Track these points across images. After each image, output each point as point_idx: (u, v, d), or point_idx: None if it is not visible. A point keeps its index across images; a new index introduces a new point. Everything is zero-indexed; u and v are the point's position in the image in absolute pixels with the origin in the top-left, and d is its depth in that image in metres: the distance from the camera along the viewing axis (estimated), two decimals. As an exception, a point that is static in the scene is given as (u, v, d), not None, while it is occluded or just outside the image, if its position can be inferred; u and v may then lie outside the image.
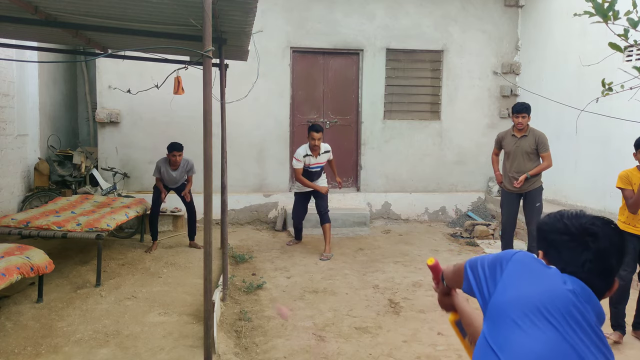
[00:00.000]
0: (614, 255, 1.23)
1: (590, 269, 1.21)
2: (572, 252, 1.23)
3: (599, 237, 1.22)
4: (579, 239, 1.23)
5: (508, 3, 8.25)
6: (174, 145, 6.02)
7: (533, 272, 1.24)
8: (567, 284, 1.20)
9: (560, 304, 1.15)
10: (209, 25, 3.03)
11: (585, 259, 1.21)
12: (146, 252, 5.92)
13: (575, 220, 1.26)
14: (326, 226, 6.32)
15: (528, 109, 5.54)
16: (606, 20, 1.87)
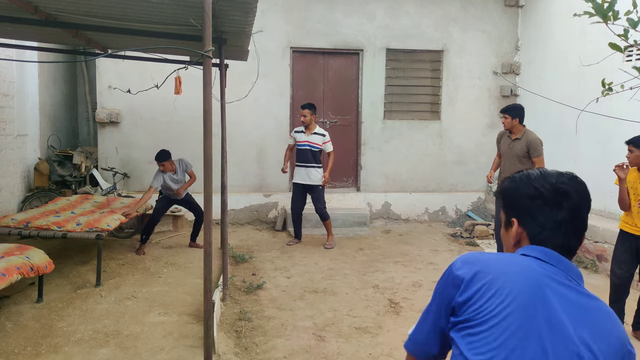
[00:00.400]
0: (585, 208, 1.21)
1: (567, 229, 1.18)
2: (547, 215, 1.18)
3: (570, 195, 1.18)
4: (552, 200, 1.18)
5: (508, 3, 8.25)
6: (157, 156, 5.93)
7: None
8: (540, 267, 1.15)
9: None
10: (209, 25, 3.03)
11: (560, 219, 1.17)
12: (137, 253, 5.81)
13: (544, 182, 1.20)
14: (327, 222, 6.69)
15: (509, 110, 5.47)
16: (606, 21, 1.87)
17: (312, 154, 6.53)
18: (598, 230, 5.84)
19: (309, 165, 6.54)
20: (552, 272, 1.15)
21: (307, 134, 6.54)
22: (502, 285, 1.11)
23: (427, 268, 5.83)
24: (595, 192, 7.13)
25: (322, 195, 6.61)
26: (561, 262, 1.17)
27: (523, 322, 1.07)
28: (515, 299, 1.09)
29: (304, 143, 6.55)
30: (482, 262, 1.17)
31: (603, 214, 6.42)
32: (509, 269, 1.14)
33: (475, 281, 1.14)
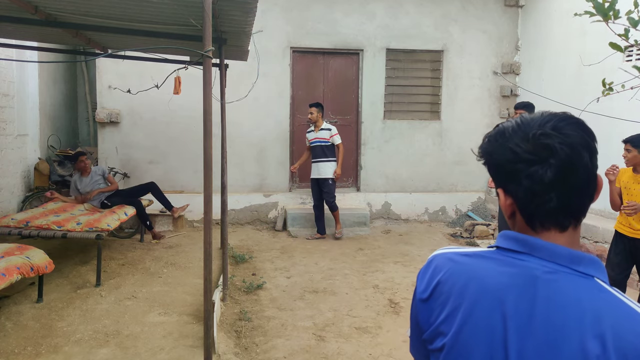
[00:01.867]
0: (583, 156, 0.92)
1: (562, 189, 0.92)
2: (533, 178, 0.92)
3: (555, 149, 0.91)
4: (535, 160, 0.92)
5: (508, 3, 8.25)
6: (77, 152, 6.38)
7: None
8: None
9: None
10: (209, 25, 3.03)
11: (550, 179, 0.91)
12: (155, 239, 6.22)
13: (521, 139, 0.94)
14: (335, 213, 7.06)
15: (527, 106, 5.51)
16: (607, 20, 1.87)
17: (322, 149, 6.97)
18: (598, 230, 5.83)
19: (319, 160, 6.99)
20: (509, 274, 0.93)
21: (315, 132, 7.01)
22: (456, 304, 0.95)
23: (427, 268, 5.82)
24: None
25: (333, 188, 7.01)
26: (540, 249, 0.94)
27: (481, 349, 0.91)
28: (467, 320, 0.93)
29: (314, 140, 7.02)
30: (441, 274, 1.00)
31: (603, 214, 6.42)
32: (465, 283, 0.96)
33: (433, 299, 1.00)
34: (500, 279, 0.93)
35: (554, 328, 0.87)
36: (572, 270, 0.92)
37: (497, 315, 0.90)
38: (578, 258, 0.93)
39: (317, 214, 7.13)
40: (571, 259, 0.93)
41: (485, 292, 0.93)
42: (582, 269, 0.92)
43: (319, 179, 7.00)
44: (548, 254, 0.93)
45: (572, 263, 0.92)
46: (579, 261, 0.93)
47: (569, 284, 0.90)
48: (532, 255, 0.94)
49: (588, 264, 0.93)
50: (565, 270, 0.92)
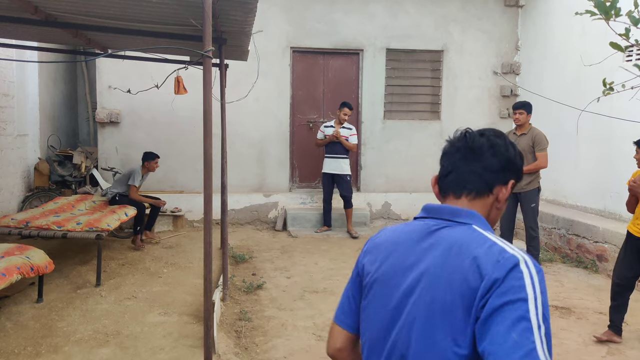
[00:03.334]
0: (483, 146, 1.27)
1: (457, 167, 1.27)
2: (447, 157, 1.31)
3: (457, 134, 1.33)
4: (451, 142, 1.33)
5: (508, 3, 8.25)
6: (154, 153, 6.34)
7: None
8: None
9: None
10: (209, 25, 3.02)
11: (453, 158, 1.29)
12: (135, 245, 6.00)
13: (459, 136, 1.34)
14: (348, 211, 7.21)
15: (525, 105, 5.59)
16: (608, 18, 1.87)
17: (341, 145, 7.11)
18: (598, 230, 5.83)
19: (337, 156, 7.14)
20: (415, 231, 1.24)
21: (337, 128, 7.13)
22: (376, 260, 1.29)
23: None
24: (595, 192, 7.19)
25: (350, 184, 7.25)
26: (431, 211, 1.26)
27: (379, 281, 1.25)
28: (378, 263, 1.27)
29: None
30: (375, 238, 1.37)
31: (603, 214, 6.42)
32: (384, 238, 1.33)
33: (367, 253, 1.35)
34: (408, 235, 1.26)
35: (440, 258, 1.14)
36: (454, 222, 1.20)
37: (401, 256, 1.22)
38: (457, 212, 1.22)
39: (326, 207, 7.30)
40: (452, 214, 1.22)
41: (396, 243, 1.27)
42: (461, 220, 1.20)
43: (334, 175, 7.16)
44: (436, 213, 1.25)
45: (453, 216, 1.21)
46: (458, 214, 1.22)
47: (449, 230, 1.19)
48: (430, 217, 1.26)
49: (465, 216, 1.21)
50: (448, 222, 1.21)
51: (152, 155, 6.31)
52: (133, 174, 6.11)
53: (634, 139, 4.16)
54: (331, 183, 7.25)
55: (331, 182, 7.24)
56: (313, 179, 8.16)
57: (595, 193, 6.54)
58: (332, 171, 7.18)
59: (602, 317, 4.47)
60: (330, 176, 7.21)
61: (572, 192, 7.05)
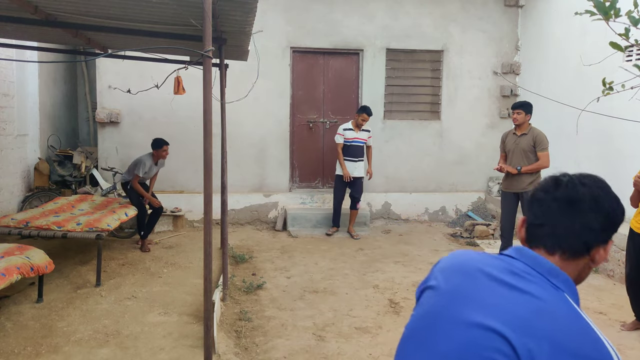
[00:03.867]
0: (584, 203, 1.13)
1: (555, 223, 1.15)
2: (541, 204, 1.18)
3: (562, 184, 1.16)
4: (545, 188, 1.19)
5: (508, 3, 8.25)
6: (162, 140, 6.14)
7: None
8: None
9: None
10: (209, 25, 3.02)
11: (550, 209, 1.16)
12: (142, 250, 5.91)
13: (550, 176, 1.22)
14: (353, 212, 7.25)
15: (523, 105, 5.59)
16: (607, 18, 1.87)
17: (360, 149, 7.19)
18: (598, 230, 5.83)
19: (356, 159, 7.17)
20: (491, 265, 1.15)
21: (356, 132, 7.15)
22: (438, 280, 1.21)
23: (427, 268, 5.83)
24: (596, 192, 6.96)
25: (362, 185, 7.29)
26: (525, 256, 1.15)
27: (430, 309, 1.17)
28: (437, 290, 1.18)
29: (354, 140, 7.14)
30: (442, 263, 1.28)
31: (603, 214, 6.41)
32: (449, 265, 1.24)
33: (431, 278, 1.26)
34: (488, 261, 1.17)
35: (523, 315, 1.03)
36: (547, 280, 1.09)
37: (470, 285, 1.13)
38: (556, 272, 1.11)
39: (337, 209, 7.29)
40: (549, 271, 1.11)
41: (466, 269, 1.17)
42: (555, 282, 1.10)
43: (353, 177, 7.15)
44: (531, 261, 1.13)
45: (549, 274, 1.10)
46: (556, 275, 1.11)
47: (537, 285, 1.08)
48: (519, 260, 1.14)
49: (562, 281, 1.10)
50: (540, 278, 1.10)
51: (158, 142, 6.13)
52: (138, 163, 6.03)
53: (634, 138, 4.16)
54: (343, 187, 7.22)
55: (343, 186, 7.22)
56: (313, 179, 8.16)
57: (595, 193, 6.53)
58: (351, 174, 7.14)
59: (602, 317, 4.48)
60: (344, 180, 7.17)
61: (572, 192, 7.04)
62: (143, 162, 6.02)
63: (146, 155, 6.14)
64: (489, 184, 8.34)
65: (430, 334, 1.12)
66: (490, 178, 8.30)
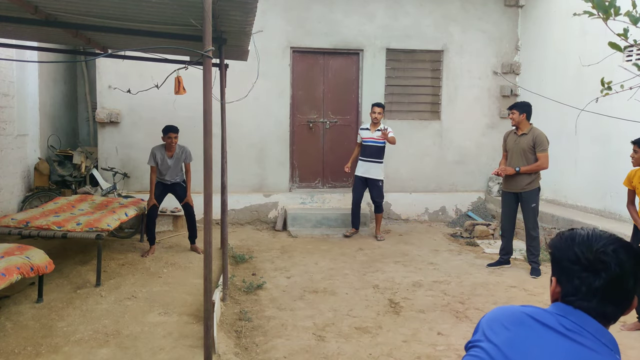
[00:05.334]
0: (629, 280, 1.19)
1: (602, 297, 1.19)
2: (583, 281, 1.20)
3: (610, 266, 1.18)
4: (590, 268, 1.19)
5: (508, 3, 8.25)
6: (169, 127, 5.84)
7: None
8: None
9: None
10: (209, 25, 3.02)
11: (597, 286, 1.19)
12: (142, 256, 5.75)
13: (586, 248, 1.20)
14: (377, 216, 7.20)
15: (517, 105, 5.61)
16: (607, 17, 1.87)
17: (376, 149, 7.00)
18: (598, 230, 5.84)
19: (371, 160, 7.01)
20: (543, 316, 1.20)
21: (372, 131, 6.99)
22: (488, 333, 1.26)
23: (427, 268, 5.83)
24: (595, 192, 7.20)
25: (382, 189, 7.12)
26: (573, 314, 1.20)
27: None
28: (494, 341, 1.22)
29: (369, 140, 7.00)
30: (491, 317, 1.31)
31: (603, 213, 6.42)
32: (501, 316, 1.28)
33: (479, 330, 1.30)
34: (537, 316, 1.22)
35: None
36: (596, 339, 1.16)
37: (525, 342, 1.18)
38: (603, 332, 1.18)
39: (355, 210, 7.21)
40: (597, 330, 1.17)
41: (520, 315, 1.24)
42: (604, 341, 1.16)
43: (368, 179, 7.05)
44: (579, 319, 1.18)
45: (597, 333, 1.17)
46: (603, 334, 1.17)
47: (591, 342, 1.14)
48: (567, 318, 1.20)
49: (609, 341, 1.17)
50: (590, 335, 1.16)
51: (164, 129, 5.83)
52: (150, 154, 5.87)
53: (633, 138, 4.16)
54: (362, 186, 7.12)
55: (363, 185, 7.12)
56: (313, 179, 8.16)
57: (595, 193, 6.54)
58: (364, 175, 7.06)
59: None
60: (363, 179, 7.09)
61: (572, 192, 7.05)
62: (153, 153, 5.84)
63: (158, 145, 5.92)
64: (489, 184, 8.34)
65: None
66: (490, 178, 8.30)
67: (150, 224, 5.94)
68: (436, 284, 5.25)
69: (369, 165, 7.00)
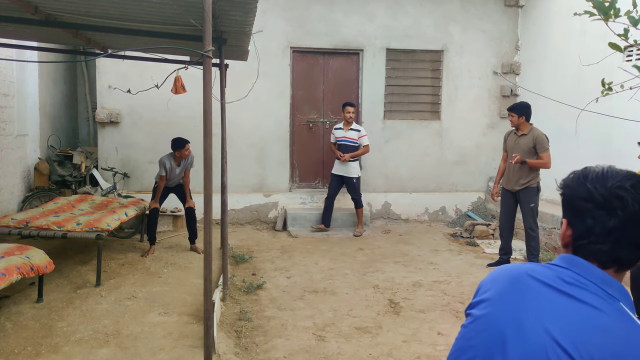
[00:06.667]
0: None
1: (617, 238, 1.06)
2: (597, 220, 1.08)
3: (628, 203, 1.05)
4: (605, 205, 1.07)
5: (508, 3, 8.25)
6: (182, 140, 5.94)
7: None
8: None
9: None
10: (209, 25, 3.03)
11: (612, 226, 1.06)
12: (142, 256, 5.75)
13: (600, 185, 1.09)
14: (359, 210, 7.29)
15: (515, 108, 5.60)
16: (607, 19, 1.87)
17: (351, 148, 7.14)
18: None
19: (346, 162, 7.12)
20: (542, 273, 1.12)
21: (345, 130, 7.18)
22: (489, 292, 1.18)
23: (427, 268, 5.83)
24: (596, 192, 6.97)
25: (358, 186, 7.25)
26: (576, 265, 1.10)
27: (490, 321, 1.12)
28: (490, 302, 1.15)
29: (342, 139, 7.19)
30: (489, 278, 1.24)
31: (603, 213, 6.41)
32: (498, 277, 1.20)
33: (480, 290, 1.23)
34: (536, 273, 1.13)
35: (580, 325, 1.01)
36: (601, 289, 1.06)
37: (510, 296, 1.11)
38: (609, 281, 1.07)
39: (327, 205, 7.29)
40: (602, 280, 1.07)
41: (519, 274, 1.15)
42: (610, 291, 1.06)
43: (344, 177, 7.19)
44: (583, 270, 1.09)
45: (602, 283, 1.07)
46: (610, 284, 1.07)
47: (592, 294, 1.05)
48: (570, 270, 1.10)
49: (617, 290, 1.07)
50: (594, 287, 1.06)
51: (179, 142, 5.90)
52: (159, 164, 5.94)
53: (633, 138, 4.15)
54: (338, 184, 7.27)
55: (338, 183, 7.26)
56: (313, 179, 8.17)
57: (595, 193, 6.53)
58: (340, 173, 7.20)
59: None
60: (339, 177, 7.23)
61: (572, 192, 7.04)
62: (162, 163, 5.93)
63: (166, 155, 6.01)
64: (489, 184, 8.34)
65: (490, 344, 1.10)
66: (490, 178, 8.30)
67: (152, 224, 5.96)
68: (436, 284, 5.25)
69: (343, 163, 7.14)
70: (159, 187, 6.00)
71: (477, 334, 1.14)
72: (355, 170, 7.21)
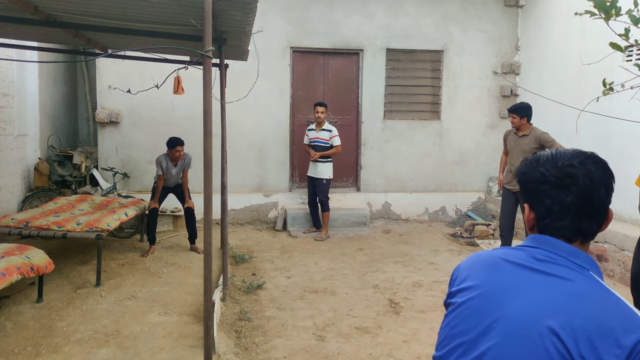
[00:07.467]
0: (599, 190, 1.15)
1: (576, 213, 1.15)
2: (554, 199, 1.16)
3: (579, 178, 1.14)
4: (559, 184, 1.16)
5: (508, 3, 8.25)
6: (176, 140, 5.95)
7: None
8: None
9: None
10: (209, 25, 3.02)
11: (569, 201, 1.14)
12: (142, 256, 5.74)
13: (551, 166, 1.18)
14: (325, 214, 7.13)
15: (517, 110, 5.59)
16: (608, 18, 1.87)
17: (322, 149, 7.03)
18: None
19: (318, 160, 7.04)
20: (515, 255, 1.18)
21: (317, 131, 7.08)
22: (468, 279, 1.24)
23: (427, 268, 5.83)
24: (596, 192, 6.95)
25: (326, 189, 7.08)
26: (545, 243, 1.17)
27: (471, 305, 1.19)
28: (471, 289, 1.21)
29: (314, 140, 7.10)
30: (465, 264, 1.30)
31: (603, 213, 6.41)
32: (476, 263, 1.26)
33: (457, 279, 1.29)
34: (508, 252, 1.21)
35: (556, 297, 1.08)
36: (570, 262, 1.13)
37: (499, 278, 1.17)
38: (576, 253, 1.15)
39: (311, 209, 7.31)
40: (570, 253, 1.15)
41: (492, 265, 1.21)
42: (579, 262, 1.13)
43: (314, 178, 7.10)
44: (551, 246, 1.16)
45: (570, 256, 1.14)
46: (577, 256, 1.15)
47: (562, 267, 1.12)
48: (539, 248, 1.17)
49: (585, 260, 1.14)
50: (564, 260, 1.14)
51: (171, 141, 5.94)
52: (156, 163, 5.95)
53: (633, 138, 4.15)
54: (312, 186, 7.18)
55: (312, 184, 7.18)
56: (313, 179, 8.16)
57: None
58: (312, 174, 7.13)
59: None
60: (312, 179, 7.15)
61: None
62: (159, 162, 5.93)
63: (162, 154, 6.02)
64: (489, 184, 8.34)
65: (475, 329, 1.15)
66: (490, 178, 8.30)
67: (152, 224, 5.96)
68: (436, 284, 5.25)
69: (317, 164, 7.05)
70: (157, 187, 6.00)
71: (462, 320, 1.19)
72: (326, 172, 7.05)
